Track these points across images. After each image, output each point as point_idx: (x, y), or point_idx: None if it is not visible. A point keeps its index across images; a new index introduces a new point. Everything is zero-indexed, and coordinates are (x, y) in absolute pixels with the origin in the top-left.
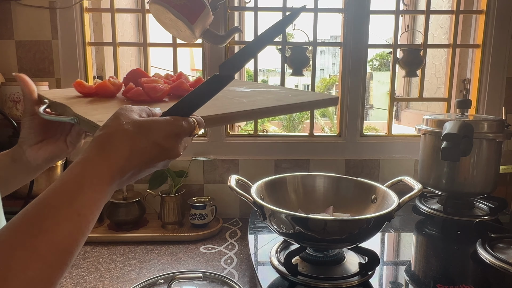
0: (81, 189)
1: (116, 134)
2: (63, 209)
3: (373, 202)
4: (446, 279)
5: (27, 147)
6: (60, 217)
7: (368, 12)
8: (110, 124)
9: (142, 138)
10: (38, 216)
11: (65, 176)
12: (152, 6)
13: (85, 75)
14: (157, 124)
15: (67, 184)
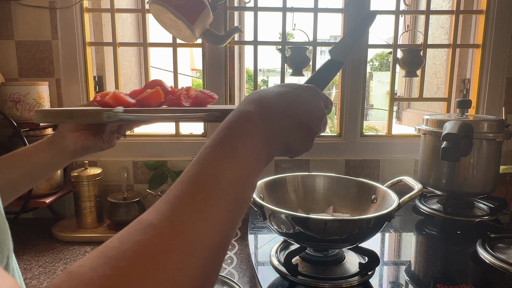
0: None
1: (278, 96)
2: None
3: (373, 202)
4: (446, 279)
5: (67, 132)
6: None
7: (368, 12)
8: (266, 91)
9: (309, 98)
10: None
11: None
12: (152, 6)
13: (85, 75)
14: (317, 90)
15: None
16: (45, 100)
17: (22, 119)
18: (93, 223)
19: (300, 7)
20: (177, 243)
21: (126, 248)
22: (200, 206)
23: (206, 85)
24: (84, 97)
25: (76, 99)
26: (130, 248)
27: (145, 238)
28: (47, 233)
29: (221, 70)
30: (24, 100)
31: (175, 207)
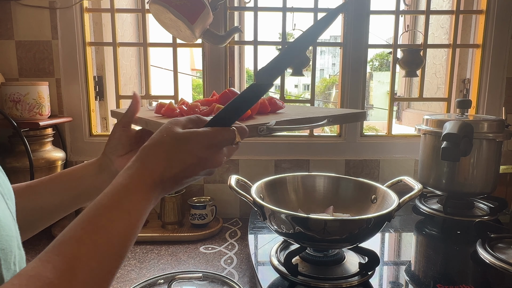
0: (129, 192)
1: (155, 146)
2: (115, 209)
3: (373, 202)
4: (446, 279)
5: (115, 157)
6: (113, 215)
7: (368, 12)
8: (153, 137)
9: (180, 149)
10: (94, 215)
11: (115, 182)
12: (152, 6)
13: (85, 75)
14: (195, 135)
15: (116, 188)
16: (45, 100)
17: (22, 119)
18: None
19: (300, 7)
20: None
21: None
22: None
23: (206, 85)
24: (84, 97)
25: (76, 99)
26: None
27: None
28: (47, 233)
29: (221, 70)
30: (24, 100)
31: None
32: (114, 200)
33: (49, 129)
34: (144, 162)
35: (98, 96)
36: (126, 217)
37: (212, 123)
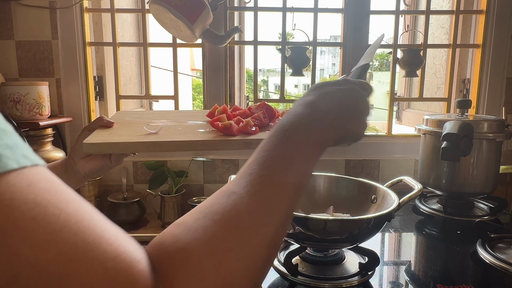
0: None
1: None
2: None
3: (373, 202)
4: (446, 279)
5: (78, 159)
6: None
7: (368, 12)
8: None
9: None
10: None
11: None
12: (152, 6)
13: (85, 75)
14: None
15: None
16: (45, 100)
17: (22, 119)
18: None
19: (300, 7)
20: (254, 205)
21: (216, 208)
22: (270, 183)
23: (206, 85)
24: (84, 97)
25: (76, 99)
26: (220, 208)
27: (229, 201)
28: None
29: (221, 70)
30: (24, 100)
31: (248, 181)
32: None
33: (49, 129)
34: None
35: (98, 96)
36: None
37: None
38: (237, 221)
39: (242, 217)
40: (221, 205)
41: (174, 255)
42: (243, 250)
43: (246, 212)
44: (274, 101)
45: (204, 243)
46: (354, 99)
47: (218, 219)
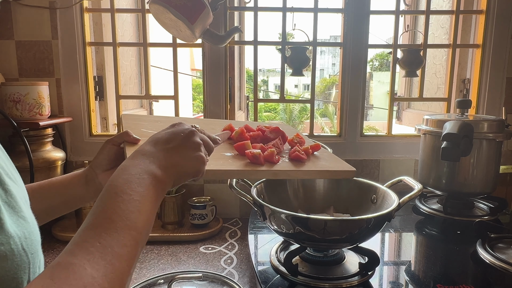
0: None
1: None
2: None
3: (373, 202)
4: (446, 279)
5: (100, 171)
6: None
7: (368, 12)
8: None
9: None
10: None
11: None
12: (152, 6)
13: (85, 75)
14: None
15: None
16: (45, 100)
17: (22, 119)
18: None
19: (300, 7)
20: (97, 274)
21: (60, 283)
22: (106, 246)
23: (206, 85)
24: (84, 97)
25: (76, 99)
26: (65, 283)
27: (71, 274)
28: (47, 233)
29: (221, 70)
30: (24, 100)
31: (86, 248)
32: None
33: (49, 129)
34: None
35: (98, 96)
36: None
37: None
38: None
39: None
40: (64, 280)
41: None
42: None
43: (92, 285)
44: (274, 101)
45: None
46: (181, 137)
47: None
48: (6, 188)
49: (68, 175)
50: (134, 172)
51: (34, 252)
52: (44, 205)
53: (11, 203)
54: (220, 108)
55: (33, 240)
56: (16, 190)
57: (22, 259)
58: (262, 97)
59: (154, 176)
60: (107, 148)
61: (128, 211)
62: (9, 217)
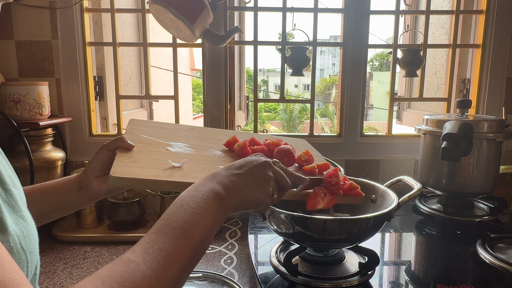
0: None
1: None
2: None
3: (373, 202)
4: (446, 279)
5: (93, 178)
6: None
7: (368, 12)
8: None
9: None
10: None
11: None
12: (152, 6)
13: (85, 75)
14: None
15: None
16: (45, 100)
17: (22, 119)
18: (93, 223)
19: (300, 7)
20: (149, 273)
21: (114, 276)
22: (165, 251)
23: (206, 85)
24: (84, 97)
25: (76, 99)
26: (117, 276)
27: (126, 269)
28: (47, 233)
29: (221, 70)
30: (24, 100)
31: (145, 249)
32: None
33: (49, 129)
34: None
35: (98, 96)
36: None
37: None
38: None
39: (137, 285)
40: (118, 273)
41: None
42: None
43: (142, 280)
44: (274, 101)
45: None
46: (253, 166)
47: (115, 287)
48: (6, 188)
49: (61, 179)
50: (201, 189)
51: (32, 251)
52: (35, 210)
53: (11, 202)
54: (220, 108)
55: (32, 240)
56: (15, 191)
57: (20, 258)
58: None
59: (217, 194)
60: (101, 154)
61: (188, 221)
62: (9, 216)
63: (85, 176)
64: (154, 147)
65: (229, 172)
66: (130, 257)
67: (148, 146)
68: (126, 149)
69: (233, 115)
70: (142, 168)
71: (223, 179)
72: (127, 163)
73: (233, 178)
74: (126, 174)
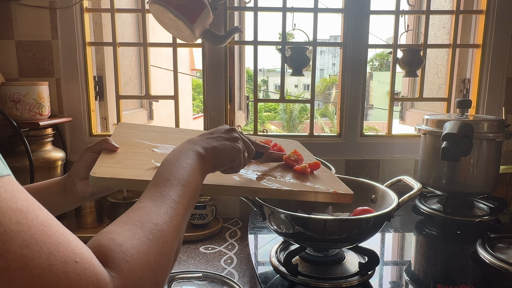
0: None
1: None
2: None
3: (373, 202)
4: (446, 279)
5: (78, 180)
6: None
7: (368, 12)
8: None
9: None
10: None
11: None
12: (152, 6)
13: (85, 75)
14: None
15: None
16: (45, 100)
17: (22, 119)
18: (93, 223)
19: (300, 7)
20: (156, 210)
21: (132, 218)
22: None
23: (206, 85)
24: (84, 97)
25: (76, 99)
26: (134, 218)
27: (140, 212)
28: None
29: (221, 70)
30: (24, 100)
31: (150, 197)
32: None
33: (49, 129)
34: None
35: (98, 96)
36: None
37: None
38: (149, 223)
39: (154, 222)
40: (135, 216)
41: (114, 255)
42: (156, 237)
43: (157, 217)
44: (274, 101)
45: (135, 243)
46: (222, 131)
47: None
48: None
49: (46, 182)
50: (182, 150)
51: None
52: None
53: None
54: (220, 108)
55: None
56: None
57: None
58: (262, 97)
59: (199, 153)
60: (85, 156)
61: (182, 174)
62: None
63: (69, 178)
64: (140, 148)
65: (204, 137)
66: (139, 205)
67: (134, 147)
68: (111, 151)
69: (233, 115)
70: (124, 168)
71: (199, 142)
72: (109, 163)
73: (208, 140)
74: (106, 174)
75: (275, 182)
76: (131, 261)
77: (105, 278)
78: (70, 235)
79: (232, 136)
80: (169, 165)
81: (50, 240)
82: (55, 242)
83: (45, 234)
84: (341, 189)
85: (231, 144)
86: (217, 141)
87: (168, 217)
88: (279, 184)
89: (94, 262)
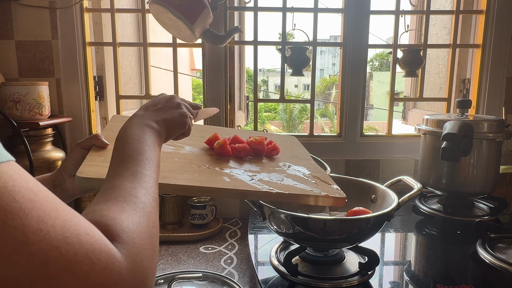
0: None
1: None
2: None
3: (373, 202)
4: (446, 279)
5: (67, 177)
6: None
7: (368, 12)
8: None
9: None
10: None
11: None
12: (152, 6)
13: (85, 75)
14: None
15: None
16: (45, 100)
17: (22, 119)
18: None
19: (300, 7)
20: (135, 184)
21: (110, 197)
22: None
23: (206, 85)
24: (84, 97)
25: (76, 99)
26: (112, 196)
27: (115, 191)
28: None
29: (221, 70)
30: (24, 100)
31: (120, 175)
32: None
33: (49, 129)
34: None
35: (98, 96)
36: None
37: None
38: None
39: (135, 195)
40: (112, 195)
41: (112, 228)
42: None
43: (134, 190)
44: (274, 101)
45: (134, 220)
46: (165, 100)
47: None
48: None
49: (36, 178)
50: (134, 127)
51: None
52: None
53: None
54: (220, 108)
55: None
56: None
57: None
58: (262, 97)
59: (150, 126)
60: (74, 152)
61: (142, 149)
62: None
63: (59, 175)
64: None
65: (149, 110)
66: (113, 183)
67: None
68: (100, 147)
69: (233, 115)
70: None
71: (149, 116)
72: (97, 162)
73: (156, 113)
74: (92, 174)
75: (266, 184)
76: (128, 231)
77: (114, 248)
78: (75, 212)
79: (176, 103)
80: (125, 143)
81: (61, 215)
82: (66, 218)
83: (56, 210)
84: (333, 192)
85: (177, 111)
86: (165, 112)
87: (144, 189)
88: (270, 186)
89: (101, 235)
